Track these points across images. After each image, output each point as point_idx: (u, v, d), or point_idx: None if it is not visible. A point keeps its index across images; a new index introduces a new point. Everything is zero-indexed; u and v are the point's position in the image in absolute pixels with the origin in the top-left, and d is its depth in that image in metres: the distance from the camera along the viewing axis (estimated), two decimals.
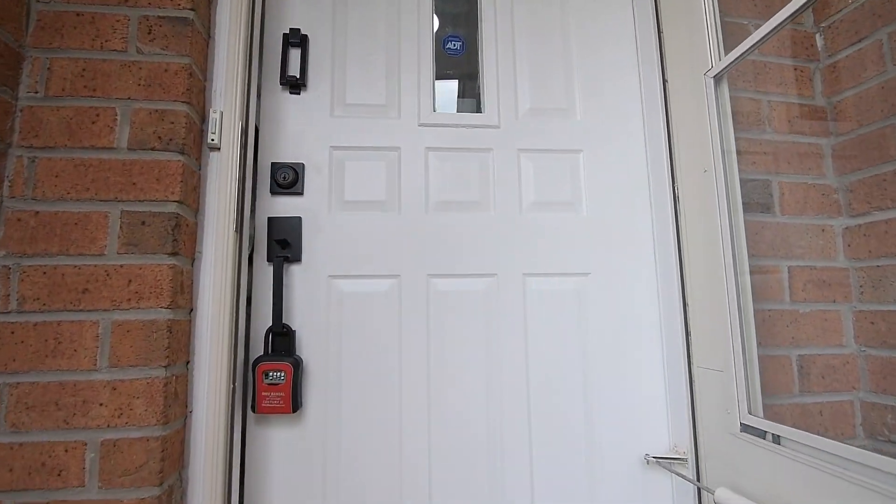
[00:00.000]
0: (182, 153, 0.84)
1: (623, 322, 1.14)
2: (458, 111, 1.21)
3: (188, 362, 0.86)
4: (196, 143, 0.90)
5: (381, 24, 1.19)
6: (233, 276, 0.89)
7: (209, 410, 0.86)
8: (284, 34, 1.13)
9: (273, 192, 1.09)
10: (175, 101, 0.85)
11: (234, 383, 0.90)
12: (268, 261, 1.05)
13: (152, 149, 0.83)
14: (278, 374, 0.97)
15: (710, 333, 1.01)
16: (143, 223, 0.81)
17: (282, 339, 1.01)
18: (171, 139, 0.84)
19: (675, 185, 1.14)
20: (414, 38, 1.20)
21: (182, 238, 0.83)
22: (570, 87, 1.23)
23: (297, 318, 1.05)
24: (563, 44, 1.25)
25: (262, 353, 1.00)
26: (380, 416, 1.04)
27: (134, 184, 0.82)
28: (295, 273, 1.06)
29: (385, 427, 1.04)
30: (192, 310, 0.87)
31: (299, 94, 1.13)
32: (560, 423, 1.09)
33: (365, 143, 1.13)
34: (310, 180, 1.10)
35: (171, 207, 0.82)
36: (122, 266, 0.79)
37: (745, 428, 0.90)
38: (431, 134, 1.16)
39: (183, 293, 0.84)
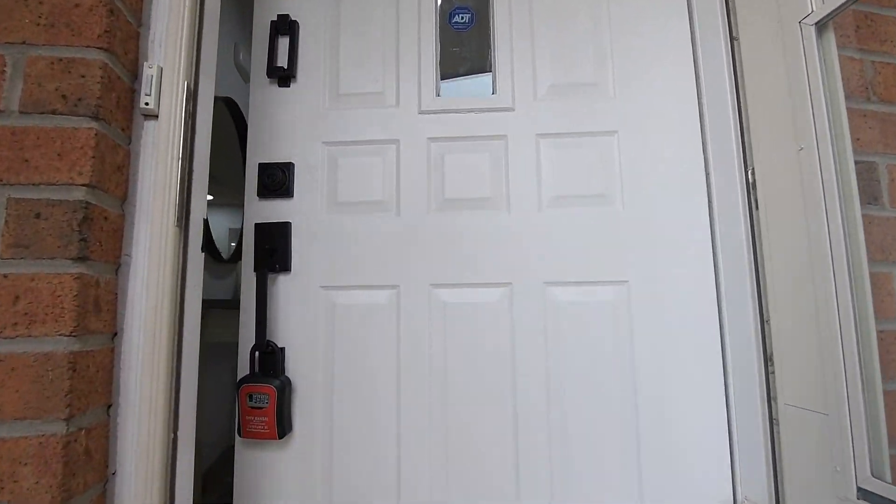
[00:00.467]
0: (96, 118, 0.60)
1: (672, 342, 0.92)
2: (466, 94, 1.03)
3: (110, 406, 0.63)
4: (122, 108, 0.66)
5: (378, 1, 1.05)
6: (173, 285, 0.66)
7: (139, 470, 0.63)
8: (272, 21, 1.02)
9: (260, 196, 0.99)
10: (88, 47, 0.62)
11: (174, 432, 0.67)
12: (255, 271, 0.95)
13: (53, 112, 0.60)
14: (262, 396, 0.88)
15: (807, 361, 0.77)
16: (38, 216, 0.58)
17: (270, 357, 0.92)
18: (80, 99, 0.60)
19: (750, 168, 0.89)
20: (414, 12, 1.05)
21: (95, 236, 0.60)
22: (601, 55, 1.02)
23: (286, 333, 0.95)
24: (591, 6, 1.03)
25: (248, 373, 0.92)
26: (374, 446, 0.92)
27: (26, 161, 0.59)
28: (284, 284, 0.96)
29: (380, 457, 0.91)
30: (115, 334, 0.64)
31: (289, 86, 1.02)
32: (591, 467, 0.89)
33: (360, 136, 1.00)
34: (300, 181, 0.99)
35: (79, 194, 0.58)
36: (5, 277, 0.56)
37: (866, 495, 0.66)
38: (434, 122, 1.00)
39: (99, 313, 0.60)
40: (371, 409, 0.92)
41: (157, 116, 0.68)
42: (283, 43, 1.02)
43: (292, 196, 0.99)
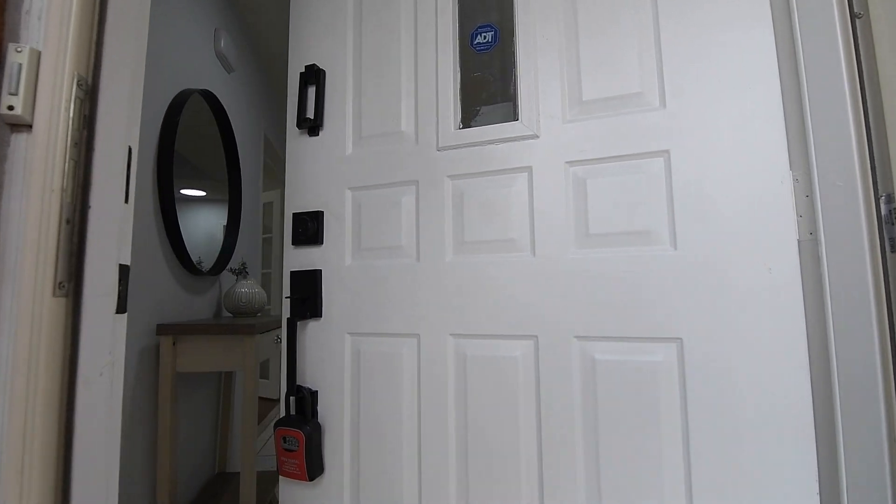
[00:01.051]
0: None
1: (743, 423, 0.73)
2: (490, 124, 0.93)
3: None
4: None
5: (401, 32, 1.00)
6: (61, 382, 0.47)
7: None
8: (301, 73, 1.05)
9: (294, 244, 1.03)
10: None
11: None
12: (287, 318, 0.99)
13: None
14: (293, 440, 0.93)
15: None
16: None
17: (302, 401, 0.96)
18: None
19: (884, 195, 0.68)
20: (432, 40, 0.98)
21: None
22: (645, 57, 0.83)
23: (319, 377, 0.99)
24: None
25: (283, 416, 0.97)
26: (398, 493, 0.90)
27: None
28: (316, 330, 1.00)
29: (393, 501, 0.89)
30: None
31: (318, 135, 1.04)
32: None
33: (381, 179, 0.98)
34: (329, 228, 1.01)
35: None
36: None
37: None
38: (454, 159, 0.93)
39: None
40: (395, 457, 0.91)
41: (30, 127, 0.48)
42: (311, 93, 1.04)
43: (322, 243, 1.00)
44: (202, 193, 1.85)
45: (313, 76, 1.03)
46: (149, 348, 1.39)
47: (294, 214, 1.02)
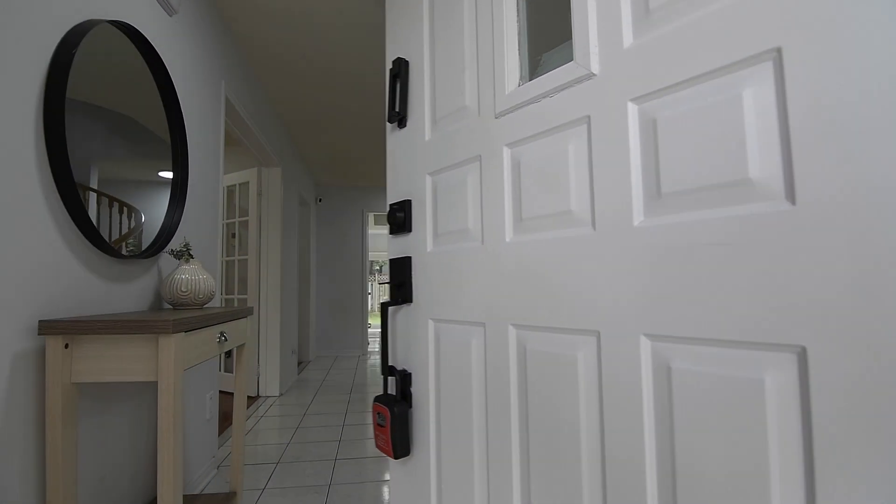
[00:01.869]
0: None
1: None
2: (547, 72, 0.76)
3: None
4: None
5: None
6: None
7: None
8: (390, 69, 1.08)
9: (391, 233, 1.07)
10: None
11: None
12: (385, 303, 1.04)
13: None
14: (382, 415, 0.98)
15: None
16: None
17: (400, 381, 1.01)
18: None
19: None
20: None
21: None
22: None
23: (409, 359, 1.02)
24: None
25: (382, 393, 1.02)
26: (468, 482, 0.86)
27: None
28: (408, 314, 1.03)
29: (473, 486, 0.84)
30: None
31: (405, 125, 1.05)
32: None
33: (451, 160, 0.93)
34: (416, 215, 1.02)
35: None
36: None
37: None
38: (510, 123, 0.81)
39: None
40: (467, 446, 0.88)
41: None
42: (399, 86, 1.05)
43: (411, 231, 1.02)
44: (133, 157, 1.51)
45: (399, 69, 1.04)
46: (28, 353, 1.06)
47: (390, 205, 1.07)
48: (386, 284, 14.71)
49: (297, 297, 4.63)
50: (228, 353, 3.95)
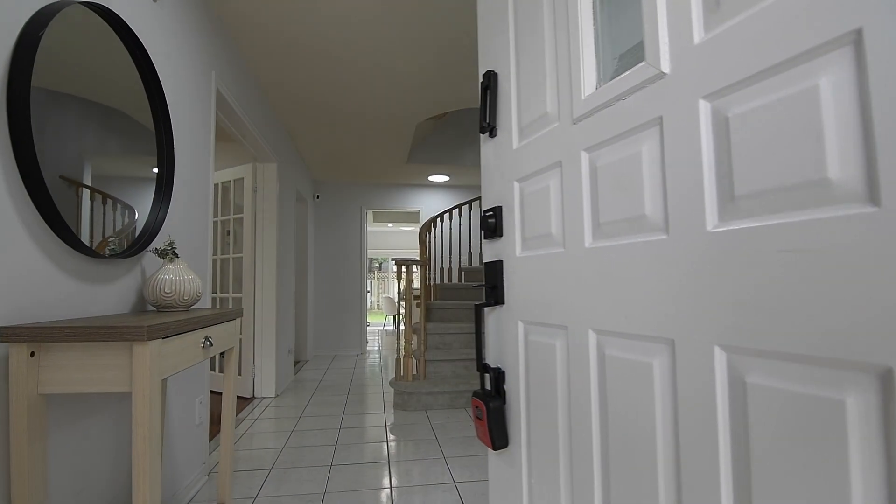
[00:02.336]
0: None
1: None
2: (621, 73, 0.74)
3: None
4: None
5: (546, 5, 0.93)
6: None
7: None
8: (481, 82, 1.12)
9: (485, 238, 1.13)
10: None
11: None
12: (480, 305, 1.09)
13: None
14: (479, 410, 1.05)
15: None
16: None
17: (493, 378, 1.07)
18: None
19: None
20: None
21: None
22: None
23: (501, 358, 1.07)
24: None
25: (479, 388, 1.12)
26: (555, 480, 0.89)
27: None
28: (501, 315, 1.08)
29: (557, 480, 0.87)
30: None
31: (495, 135, 1.10)
32: None
33: (536, 165, 0.95)
34: (506, 221, 1.06)
35: None
36: None
37: None
38: (587, 128, 0.81)
39: None
40: (552, 443, 0.90)
41: None
42: (490, 97, 1.09)
43: (502, 236, 1.07)
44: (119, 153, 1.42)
45: (489, 81, 1.09)
46: None
47: (483, 211, 1.13)
48: (384, 283, 14.71)
49: (293, 295, 4.54)
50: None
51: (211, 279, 2.51)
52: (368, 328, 7.27)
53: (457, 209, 5.66)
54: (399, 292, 3.80)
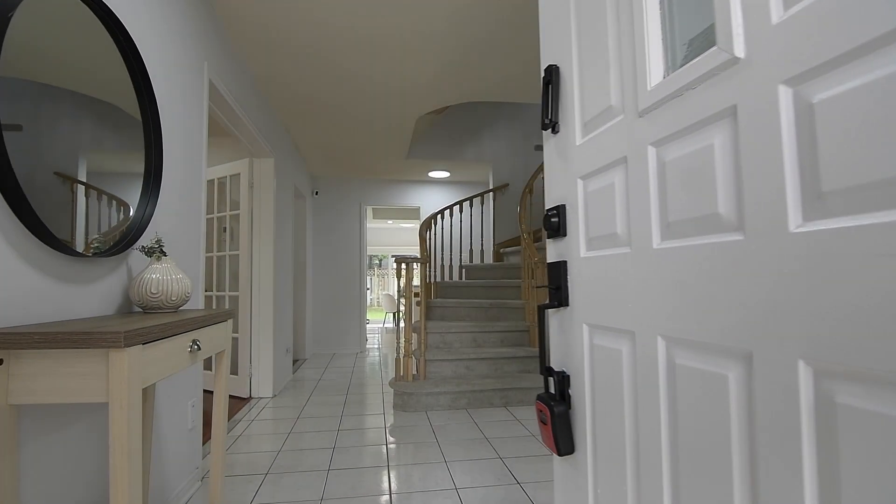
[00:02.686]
0: None
1: None
2: (692, 60, 0.68)
3: None
4: None
5: None
6: None
7: None
8: (543, 77, 1.09)
9: (549, 238, 1.11)
10: None
11: None
12: (542, 306, 1.07)
13: None
14: (543, 413, 1.03)
15: None
16: None
17: (557, 381, 1.04)
18: None
19: None
20: None
21: None
22: None
23: (565, 361, 1.04)
24: None
25: (544, 391, 1.08)
26: (621, 492, 0.84)
27: None
28: (563, 317, 1.05)
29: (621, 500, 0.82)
30: None
31: (558, 132, 1.07)
32: None
33: (600, 161, 0.91)
34: (570, 220, 1.03)
35: None
36: None
37: None
38: (654, 120, 0.76)
39: None
40: (619, 454, 0.85)
41: None
42: (551, 93, 1.06)
43: (566, 235, 1.04)
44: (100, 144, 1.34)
45: (550, 76, 1.06)
46: None
47: (546, 210, 1.10)
48: (384, 280, 14.63)
49: (292, 293, 4.47)
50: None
51: (205, 278, 2.44)
52: (368, 326, 7.20)
53: (458, 205, 5.59)
54: (399, 290, 3.73)
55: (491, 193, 5.44)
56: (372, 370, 4.77)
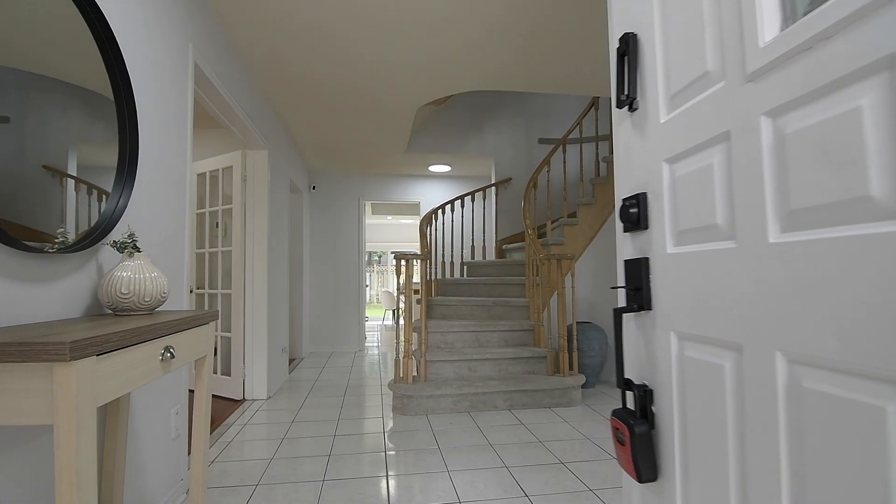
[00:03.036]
0: None
1: None
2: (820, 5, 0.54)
3: None
4: None
5: None
6: None
7: None
8: (616, 48, 0.97)
9: (625, 231, 0.98)
10: None
11: None
12: (618, 309, 0.95)
13: None
14: (620, 432, 0.90)
15: None
16: None
17: (637, 395, 0.91)
18: None
19: None
20: None
21: None
22: None
23: (647, 373, 0.91)
24: None
25: (621, 406, 0.95)
26: None
27: None
28: (644, 323, 0.93)
29: None
30: None
31: (636, 109, 0.94)
32: None
33: (692, 140, 0.78)
34: (653, 211, 0.90)
35: None
36: None
37: None
38: (768, 84, 0.62)
39: None
40: (721, 481, 0.71)
41: None
42: (627, 65, 0.94)
43: (647, 228, 0.92)
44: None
45: (627, 46, 0.93)
46: None
47: (622, 200, 0.98)
48: (383, 277, 14.40)
49: (288, 290, 4.32)
50: (214, 352, 3.66)
51: (192, 275, 2.30)
52: (367, 323, 7.06)
53: (459, 200, 5.43)
54: (398, 288, 3.58)
55: (493, 188, 5.28)
56: (371, 370, 4.62)
